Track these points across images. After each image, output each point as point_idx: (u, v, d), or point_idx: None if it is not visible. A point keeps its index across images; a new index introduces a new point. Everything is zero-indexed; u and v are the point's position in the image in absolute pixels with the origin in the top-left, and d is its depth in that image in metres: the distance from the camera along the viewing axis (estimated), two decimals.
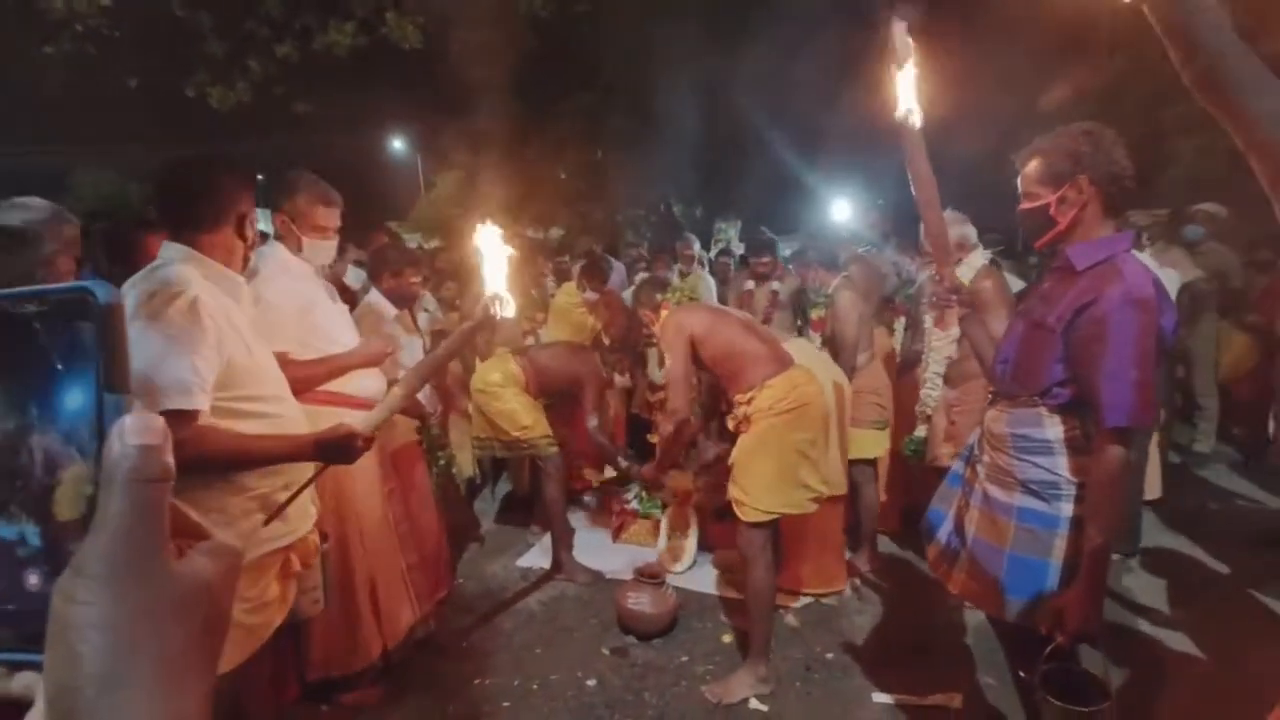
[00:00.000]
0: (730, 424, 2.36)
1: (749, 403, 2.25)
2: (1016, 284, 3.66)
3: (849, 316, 3.01)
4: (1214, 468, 4.23)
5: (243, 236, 1.45)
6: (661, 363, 3.27)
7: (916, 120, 1.52)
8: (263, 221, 2.17)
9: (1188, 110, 6.78)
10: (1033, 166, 1.46)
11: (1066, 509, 1.46)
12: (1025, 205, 1.48)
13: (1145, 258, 2.59)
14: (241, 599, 1.38)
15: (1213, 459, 4.28)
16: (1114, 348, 1.31)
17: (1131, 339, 1.31)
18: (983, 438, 1.60)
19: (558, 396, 3.25)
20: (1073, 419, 1.44)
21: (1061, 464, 1.45)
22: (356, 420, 1.41)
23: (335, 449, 1.35)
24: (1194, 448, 4.25)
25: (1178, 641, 2.47)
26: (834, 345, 3.07)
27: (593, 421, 3.20)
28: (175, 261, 1.35)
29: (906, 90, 1.52)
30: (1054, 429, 1.45)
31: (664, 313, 2.55)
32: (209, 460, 1.29)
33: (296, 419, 1.52)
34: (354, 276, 2.90)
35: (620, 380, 3.58)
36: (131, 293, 1.29)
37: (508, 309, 1.35)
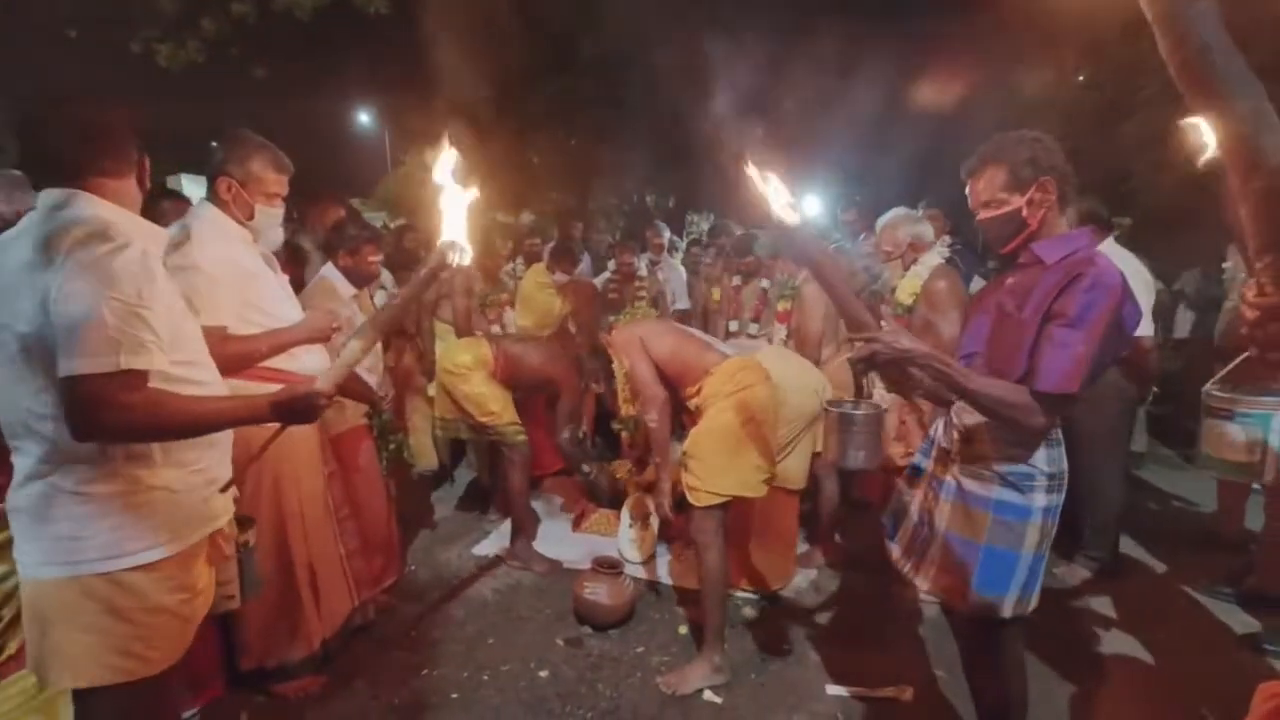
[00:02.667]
0: (685, 420, 2.35)
1: (699, 393, 2.28)
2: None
3: (814, 310, 3.01)
4: (1151, 468, 4.41)
5: (142, 185, 1.30)
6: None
7: (793, 217, 1.46)
8: (195, 185, 2.02)
9: (1144, 124, 7.05)
10: (992, 175, 1.49)
11: (1040, 500, 1.47)
12: (992, 213, 1.50)
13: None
14: (181, 589, 1.27)
15: (1149, 459, 4.47)
16: (1074, 321, 1.35)
17: (1091, 318, 1.34)
18: (949, 429, 1.60)
19: (527, 391, 3.16)
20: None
21: (1038, 455, 1.47)
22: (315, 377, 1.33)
23: (295, 409, 1.26)
24: (1131, 448, 4.42)
25: (1118, 642, 2.54)
26: (799, 338, 3.06)
27: (564, 434, 3.09)
28: (83, 206, 1.17)
29: (775, 195, 1.47)
30: None
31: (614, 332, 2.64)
32: (162, 426, 1.17)
33: (222, 390, 1.41)
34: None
35: (595, 388, 3.51)
36: (38, 239, 1.10)
37: (465, 256, 1.31)
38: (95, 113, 1.22)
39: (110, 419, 1.09)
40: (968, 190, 1.55)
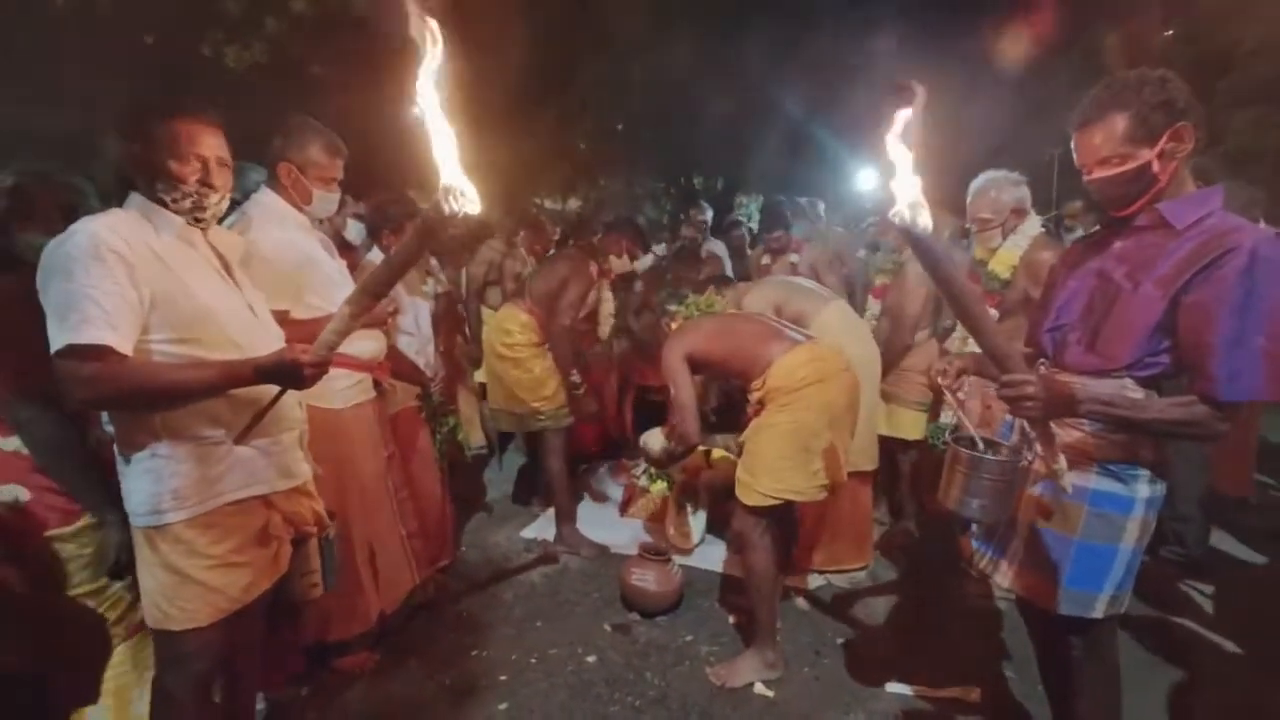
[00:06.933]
0: (750, 411, 2.25)
1: (763, 386, 2.15)
2: None
3: (916, 292, 2.81)
4: None
5: (207, 182, 1.33)
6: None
7: (925, 221, 1.10)
8: (259, 176, 2.07)
9: (1240, 81, 6.38)
10: (1112, 125, 1.25)
11: (1143, 490, 1.32)
12: (1113, 170, 1.26)
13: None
14: (199, 555, 1.32)
15: None
16: (1240, 311, 1.14)
17: (1263, 306, 1.14)
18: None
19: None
20: (1160, 392, 1.29)
21: (1144, 441, 1.31)
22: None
23: (279, 373, 1.26)
24: None
25: (1209, 644, 2.34)
26: (893, 316, 2.91)
27: (564, 319, 2.91)
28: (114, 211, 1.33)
29: (905, 186, 1.11)
30: None
31: (674, 325, 2.57)
32: (131, 395, 1.23)
33: None
34: (355, 231, 2.76)
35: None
36: None
37: (469, 203, 1.11)
38: (129, 120, 1.32)
39: (77, 390, 1.19)
40: (1074, 144, 1.32)
